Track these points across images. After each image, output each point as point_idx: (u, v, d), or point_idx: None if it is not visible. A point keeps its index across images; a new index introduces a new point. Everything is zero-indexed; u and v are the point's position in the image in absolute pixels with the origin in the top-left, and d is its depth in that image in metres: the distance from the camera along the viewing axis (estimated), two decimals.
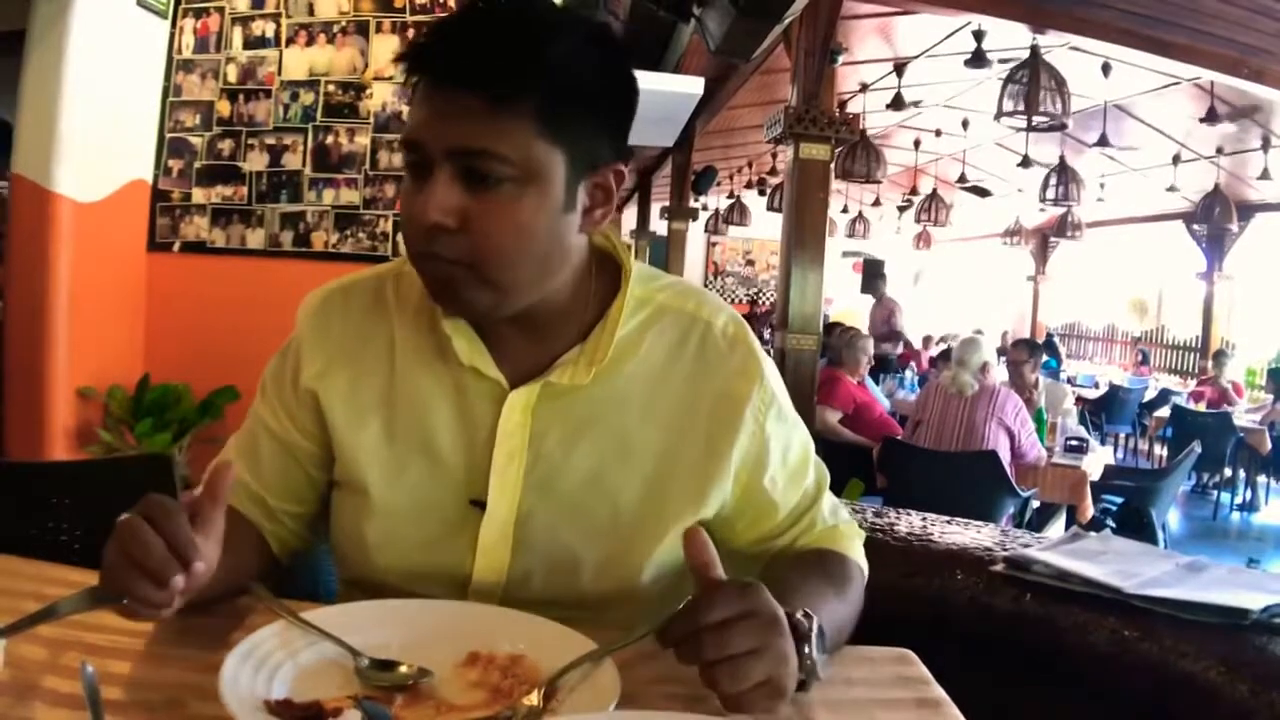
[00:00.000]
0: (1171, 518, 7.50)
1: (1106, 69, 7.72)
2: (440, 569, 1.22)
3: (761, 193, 15.25)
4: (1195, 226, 12.64)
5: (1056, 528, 5.55)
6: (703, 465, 1.24)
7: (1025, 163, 9.81)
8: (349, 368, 1.27)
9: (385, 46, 4.94)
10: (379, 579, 1.24)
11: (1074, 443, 5.95)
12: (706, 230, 18.56)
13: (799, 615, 1.00)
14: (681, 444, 1.23)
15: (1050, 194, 9.39)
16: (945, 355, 8.90)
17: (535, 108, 1.06)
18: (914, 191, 14.01)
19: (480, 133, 1.05)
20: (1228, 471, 9.10)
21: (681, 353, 1.25)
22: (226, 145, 5.00)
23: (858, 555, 1.33)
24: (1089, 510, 5.49)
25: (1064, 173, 9.29)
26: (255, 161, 4.98)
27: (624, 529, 1.22)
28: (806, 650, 0.98)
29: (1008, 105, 6.48)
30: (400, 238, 4.97)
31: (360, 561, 1.26)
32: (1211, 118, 7.89)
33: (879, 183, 10.54)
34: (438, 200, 1.06)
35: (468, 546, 1.21)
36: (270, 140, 4.98)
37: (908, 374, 9.99)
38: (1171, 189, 10.77)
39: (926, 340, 14.20)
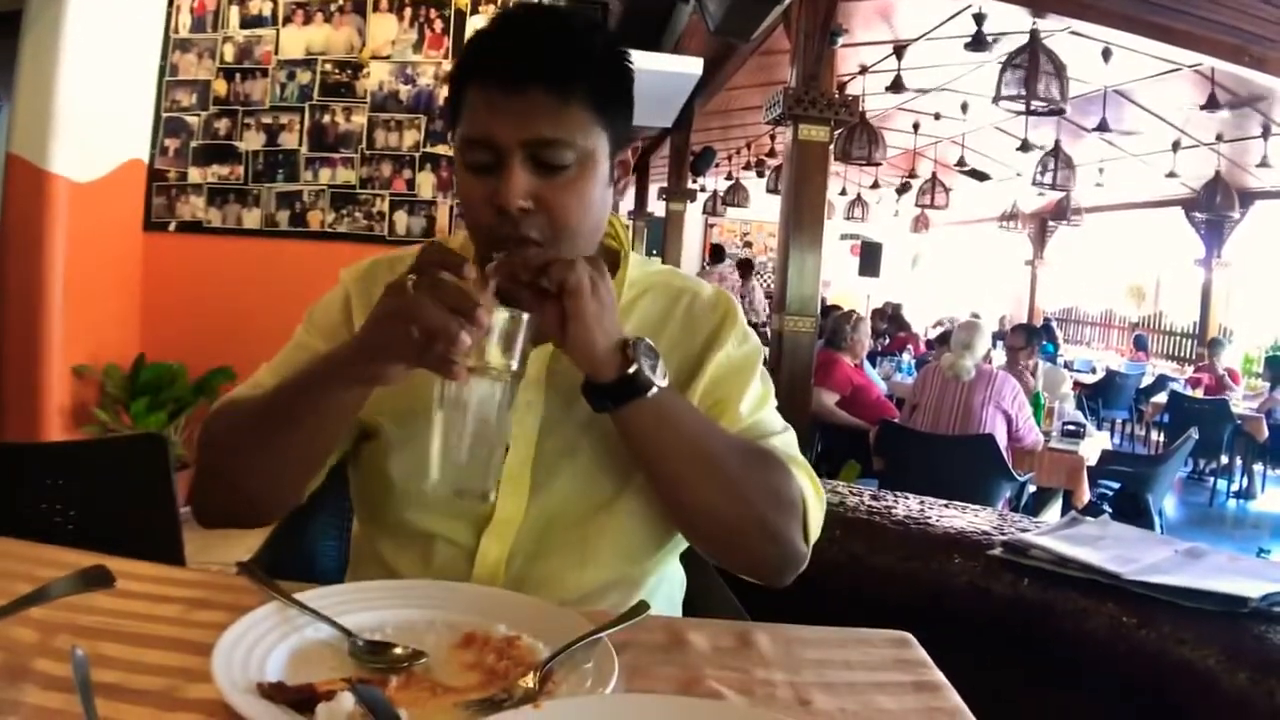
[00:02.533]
0: (1167, 504, 7.51)
1: (1107, 54, 7.70)
2: (462, 506, 1.27)
3: (760, 174, 15.23)
4: (1194, 213, 12.61)
5: (1053, 512, 5.56)
6: (683, 386, 1.34)
7: (1025, 147, 9.79)
8: None
9: (383, 26, 4.91)
10: (399, 516, 1.32)
11: (1071, 427, 5.95)
12: (704, 211, 18.53)
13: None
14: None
15: (1045, 178, 9.37)
16: (942, 339, 8.90)
17: (590, 96, 1.21)
18: (912, 174, 13.99)
19: (552, 123, 1.18)
20: (1224, 458, 9.12)
21: (671, 315, 1.40)
22: (223, 124, 4.98)
23: (804, 483, 1.32)
24: (1085, 495, 5.49)
25: (1058, 157, 9.28)
26: (252, 141, 4.96)
27: (622, 464, 1.30)
28: (634, 339, 1.16)
29: (1006, 89, 6.46)
30: (394, 217, 4.96)
31: (383, 498, 1.33)
32: (1212, 105, 7.88)
33: (878, 165, 10.53)
34: (518, 187, 1.17)
35: None
36: (267, 119, 4.96)
37: (905, 357, 9.98)
38: (1171, 175, 10.74)
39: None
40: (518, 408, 1.28)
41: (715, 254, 17.66)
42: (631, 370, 1.15)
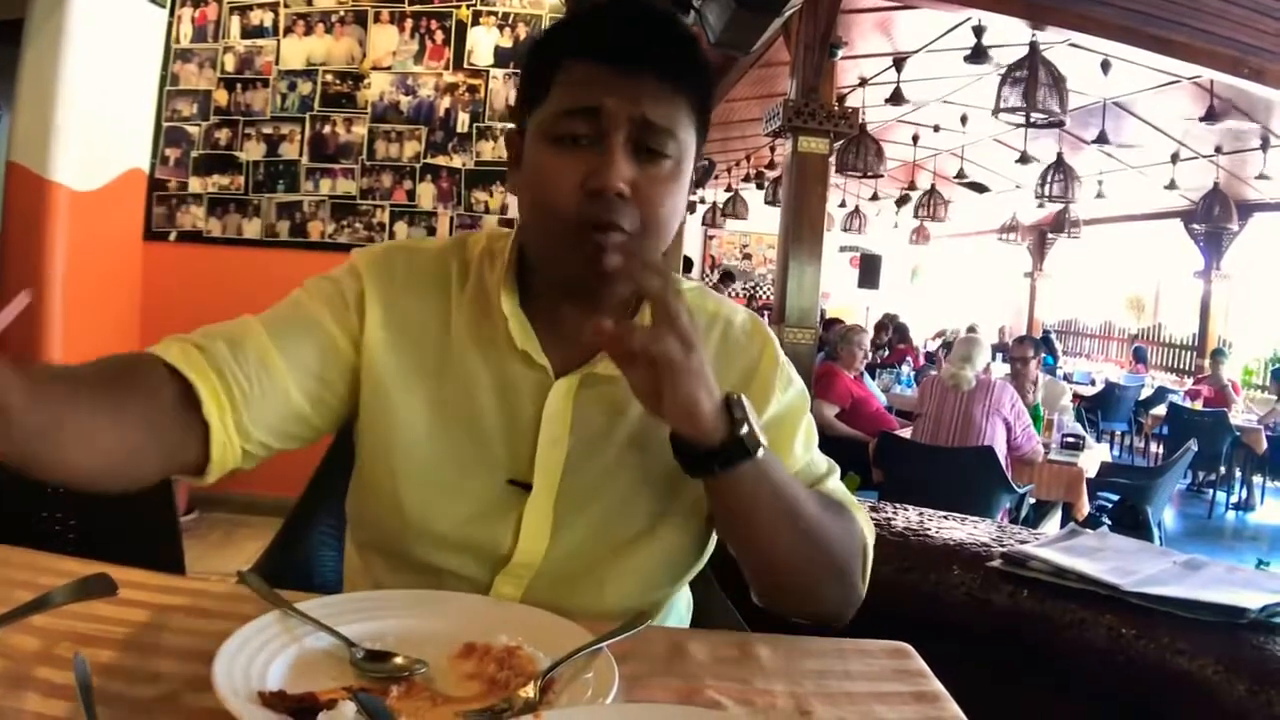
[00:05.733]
0: (1166, 516, 7.50)
1: (1106, 66, 7.70)
2: (478, 544, 1.23)
3: (759, 186, 15.21)
4: (1193, 225, 12.63)
5: (1052, 524, 5.55)
6: None
7: (1024, 159, 9.79)
8: (406, 329, 1.27)
9: (383, 37, 4.93)
10: (408, 548, 1.25)
11: (1070, 440, 5.95)
12: (704, 223, 18.53)
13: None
14: None
15: (1047, 190, 9.38)
16: (943, 350, 8.89)
17: (693, 94, 1.18)
18: (912, 186, 13.99)
19: (661, 109, 1.14)
20: (1223, 470, 9.11)
21: (706, 342, 1.28)
22: (223, 134, 4.99)
23: (862, 523, 1.31)
24: (1085, 507, 5.49)
25: (1061, 169, 9.29)
26: (252, 151, 4.98)
27: (652, 501, 1.26)
28: (735, 397, 1.09)
29: (1006, 101, 6.47)
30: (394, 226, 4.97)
31: (392, 530, 1.26)
32: (1211, 116, 7.89)
33: (877, 177, 10.53)
34: (622, 169, 1.12)
35: (508, 524, 1.23)
36: (267, 130, 4.97)
37: (904, 369, 9.98)
38: (1170, 187, 10.75)
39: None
40: (541, 444, 1.24)
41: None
42: (743, 432, 1.07)
